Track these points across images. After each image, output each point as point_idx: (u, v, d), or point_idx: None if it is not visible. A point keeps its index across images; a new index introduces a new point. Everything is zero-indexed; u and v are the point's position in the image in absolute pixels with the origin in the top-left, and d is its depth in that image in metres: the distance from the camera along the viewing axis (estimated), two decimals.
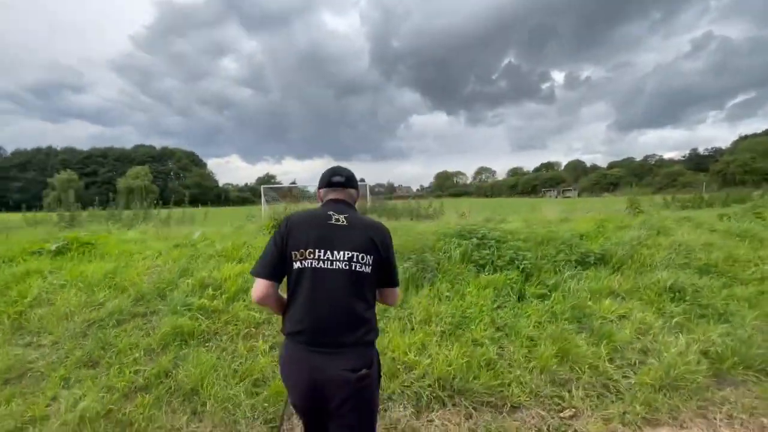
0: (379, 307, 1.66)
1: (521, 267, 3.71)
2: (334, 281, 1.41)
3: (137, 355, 2.60)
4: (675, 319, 3.15)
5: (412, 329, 2.95)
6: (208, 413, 2.26)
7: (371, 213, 8.96)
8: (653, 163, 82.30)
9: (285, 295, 1.52)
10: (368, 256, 1.45)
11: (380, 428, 2.27)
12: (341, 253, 1.43)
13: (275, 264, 1.46)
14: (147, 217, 7.88)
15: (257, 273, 1.46)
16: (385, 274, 1.53)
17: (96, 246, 4.16)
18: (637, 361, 2.80)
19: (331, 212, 1.51)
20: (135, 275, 3.51)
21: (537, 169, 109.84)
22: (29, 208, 8.03)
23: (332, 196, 1.62)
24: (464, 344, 2.81)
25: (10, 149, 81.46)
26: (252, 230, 5.24)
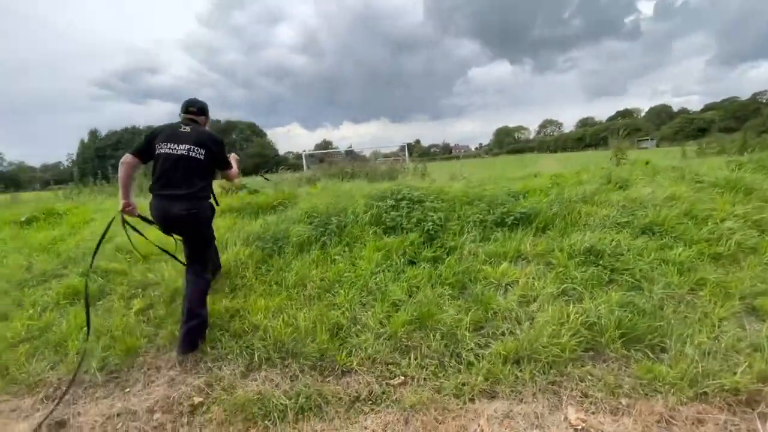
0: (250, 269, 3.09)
1: (426, 229, 3.47)
2: (176, 162, 2.57)
3: (32, 311, 2.98)
4: (575, 286, 2.78)
5: (279, 293, 2.97)
6: (64, 364, 2.56)
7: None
8: (765, 101, 67.81)
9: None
10: (200, 149, 2.63)
11: (202, 382, 2.39)
12: (183, 146, 2.59)
13: (142, 148, 2.63)
14: None
15: (132, 151, 2.64)
16: (218, 162, 2.80)
17: (63, 216, 4.71)
18: (506, 331, 2.55)
19: (182, 124, 2.74)
20: (73, 243, 3.94)
21: (611, 118, 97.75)
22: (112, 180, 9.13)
23: (184, 117, 2.80)
24: (322, 308, 2.77)
25: (104, 131, 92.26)
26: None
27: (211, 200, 2.86)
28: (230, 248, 3.52)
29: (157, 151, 2.58)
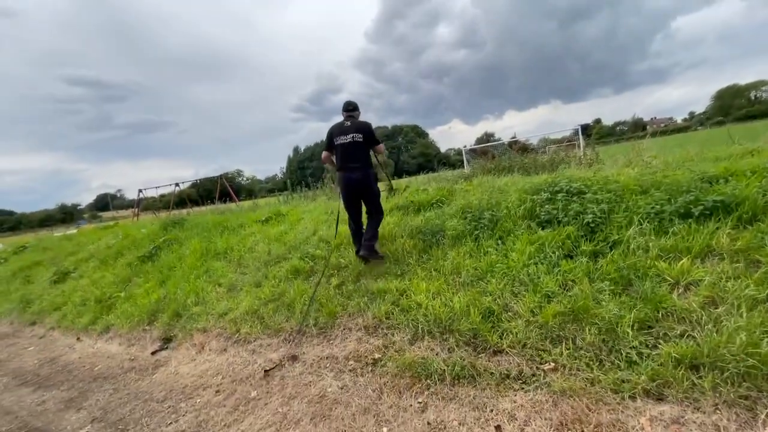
0: (414, 257, 3.88)
1: (585, 221, 3.30)
2: (348, 146, 3.86)
3: (273, 282, 4.31)
4: None
5: (438, 278, 3.41)
6: (294, 318, 3.67)
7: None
8: None
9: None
10: (359, 134, 3.86)
11: (380, 343, 3.04)
12: (349, 135, 3.86)
13: (329, 145, 3.98)
14: None
15: (324, 149, 4.07)
16: (369, 141, 3.95)
17: (286, 216, 6.43)
18: (682, 334, 2.31)
19: (345, 120, 3.99)
20: (293, 235, 5.39)
21: None
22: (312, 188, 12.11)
23: (345, 114, 4.03)
24: (475, 294, 3.08)
25: (303, 147, 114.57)
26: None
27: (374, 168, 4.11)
28: (398, 240, 4.19)
29: (335, 143, 3.92)
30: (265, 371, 3.16)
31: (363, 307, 3.45)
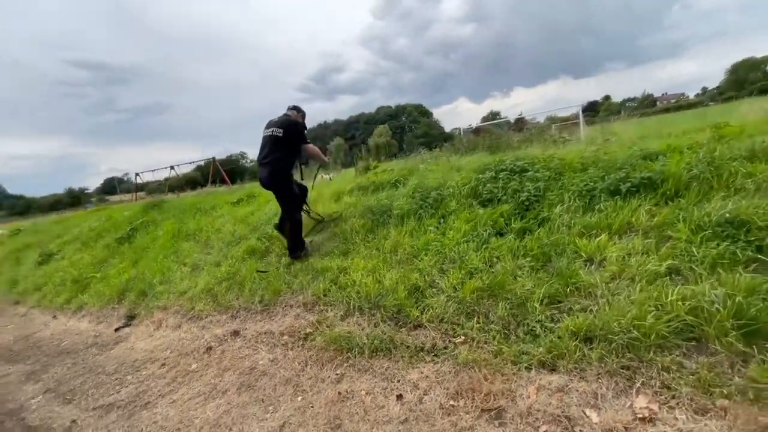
0: (360, 236, 3.93)
1: (520, 200, 3.32)
2: (266, 140, 3.80)
3: (231, 261, 4.42)
4: (692, 266, 2.28)
5: (377, 256, 3.48)
6: (243, 296, 3.78)
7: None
8: None
9: None
10: (279, 129, 3.76)
11: (314, 319, 3.15)
12: (270, 128, 3.78)
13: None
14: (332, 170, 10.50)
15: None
16: (295, 138, 3.83)
17: (257, 197, 6.50)
18: (585, 308, 2.37)
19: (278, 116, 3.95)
20: (258, 215, 5.47)
21: None
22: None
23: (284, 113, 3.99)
24: (407, 271, 3.15)
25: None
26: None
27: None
28: (350, 220, 4.25)
29: (263, 135, 3.91)
30: (207, 348, 3.29)
31: (305, 285, 3.54)
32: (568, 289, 2.49)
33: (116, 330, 4.32)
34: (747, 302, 1.93)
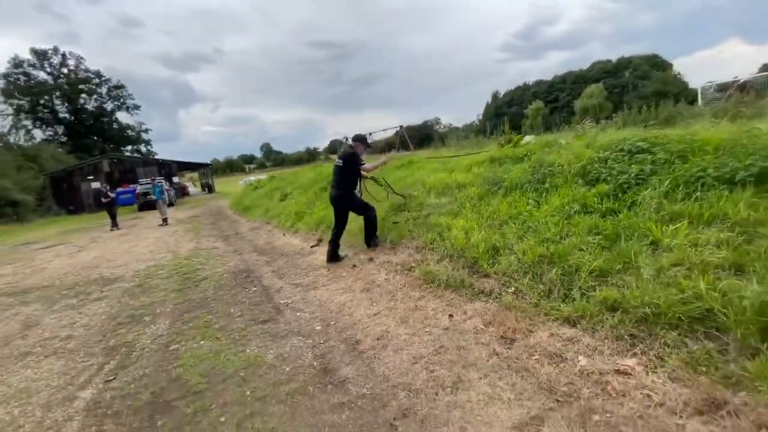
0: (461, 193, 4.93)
1: (620, 182, 3.32)
2: (335, 169, 5.18)
3: (381, 212, 5.89)
4: (762, 263, 2.17)
5: (476, 219, 4.18)
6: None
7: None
8: None
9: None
10: (340, 161, 5.15)
11: (419, 258, 4.21)
12: (338, 159, 5.12)
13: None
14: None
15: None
16: (352, 166, 5.05)
17: (414, 164, 7.80)
18: (625, 284, 2.60)
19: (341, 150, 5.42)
20: (410, 179, 6.76)
21: None
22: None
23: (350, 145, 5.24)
24: (492, 234, 3.79)
25: (503, 92, 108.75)
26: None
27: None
28: (468, 188, 4.99)
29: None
30: (353, 265, 4.86)
31: (420, 235, 4.62)
32: (618, 267, 2.71)
33: (311, 246, 6.54)
34: None
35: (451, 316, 3.14)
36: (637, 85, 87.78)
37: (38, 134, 46.30)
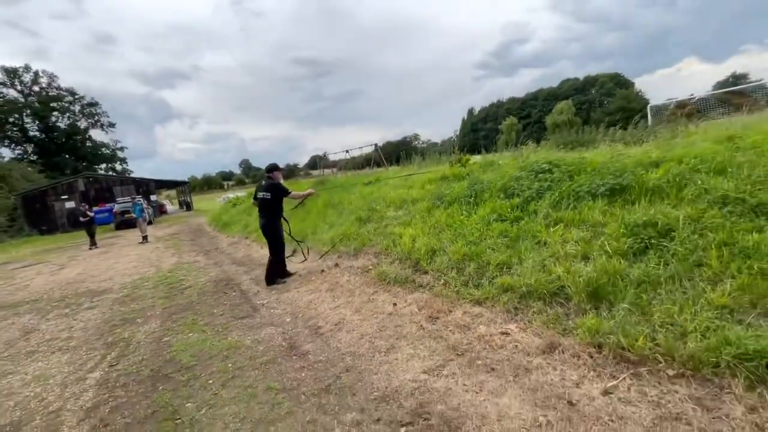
0: (414, 206, 5.71)
1: (526, 196, 4.26)
2: (262, 201, 5.54)
3: (347, 224, 6.69)
4: (595, 253, 3.09)
5: (422, 228, 5.04)
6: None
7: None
8: None
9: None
10: (268, 194, 5.48)
11: (369, 263, 5.02)
12: (262, 193, 5.53)
13: (255, 197, 5.86)
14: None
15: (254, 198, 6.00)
16: (279, 195, 5.56)
17: (381, 181, 8.68)
18: (521, 273, 3.48)
19: (263, 182, 5.67)
20: (376, 195, 7.61)
21: None
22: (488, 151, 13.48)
23: (266, 175, 5.73)
24: (432, 239, 4.65)
25: (478, 108, 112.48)
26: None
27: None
28: (418, 203, 5.87)
29: (257, 197, 5.66)
30: (321, 271, 5.62)
31: (378, 242, 5.44)
32: (515, 260, 3.59)
33: (286, 257, 7.24)
34: (598, 277, 2.79)
35: (395, 304, 3.94)
36: (603, 101, 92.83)
37: (6, 153, 45.14)
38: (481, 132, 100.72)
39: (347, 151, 24.38)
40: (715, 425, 1.77)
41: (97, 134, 53.51)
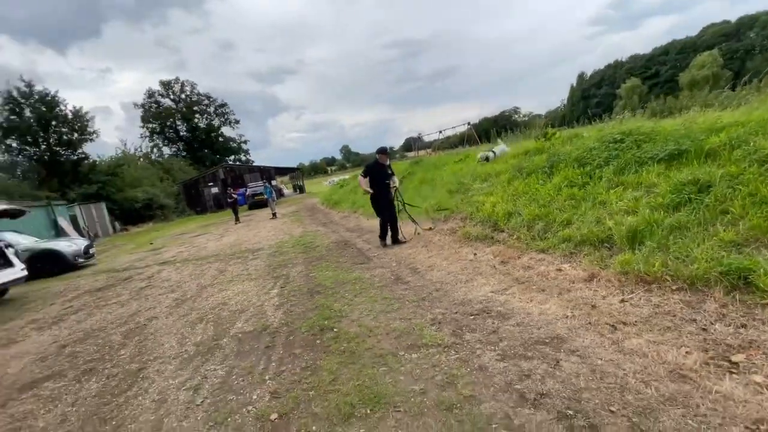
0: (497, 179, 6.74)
1: (596, 163, 4.82)
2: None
3: (440, 197, 7.82)
4: (640, 208, 3.72)
5: (502, 195, 5.92)
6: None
7: None
8: None
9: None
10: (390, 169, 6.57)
11: (451, 227, 6.10)
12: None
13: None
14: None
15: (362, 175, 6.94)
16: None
17: (470, 158, 9.53)
18: (578, 228, 4.24)
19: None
20: (465, 170, 8.56)
21: None
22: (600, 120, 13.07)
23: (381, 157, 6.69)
24: (510, 204, 5.53)
25: (589, 72, 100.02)
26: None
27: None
28: (502, 176, 6.68)
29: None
30: (429, 228, 6.91)
31: (464, 209, 6.48)
32: (577, 217, 4.34)
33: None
34: (638, 225, 3.47)
35: (475, 254, 5.02)
36: (763, 48, 73.72)
37: (166, 150, 56.86)
38: (593, 99, 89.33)
39: (440, 132, 25.15)
40: (693, 315, 2.52)
41: (226, 130, 63.38)
